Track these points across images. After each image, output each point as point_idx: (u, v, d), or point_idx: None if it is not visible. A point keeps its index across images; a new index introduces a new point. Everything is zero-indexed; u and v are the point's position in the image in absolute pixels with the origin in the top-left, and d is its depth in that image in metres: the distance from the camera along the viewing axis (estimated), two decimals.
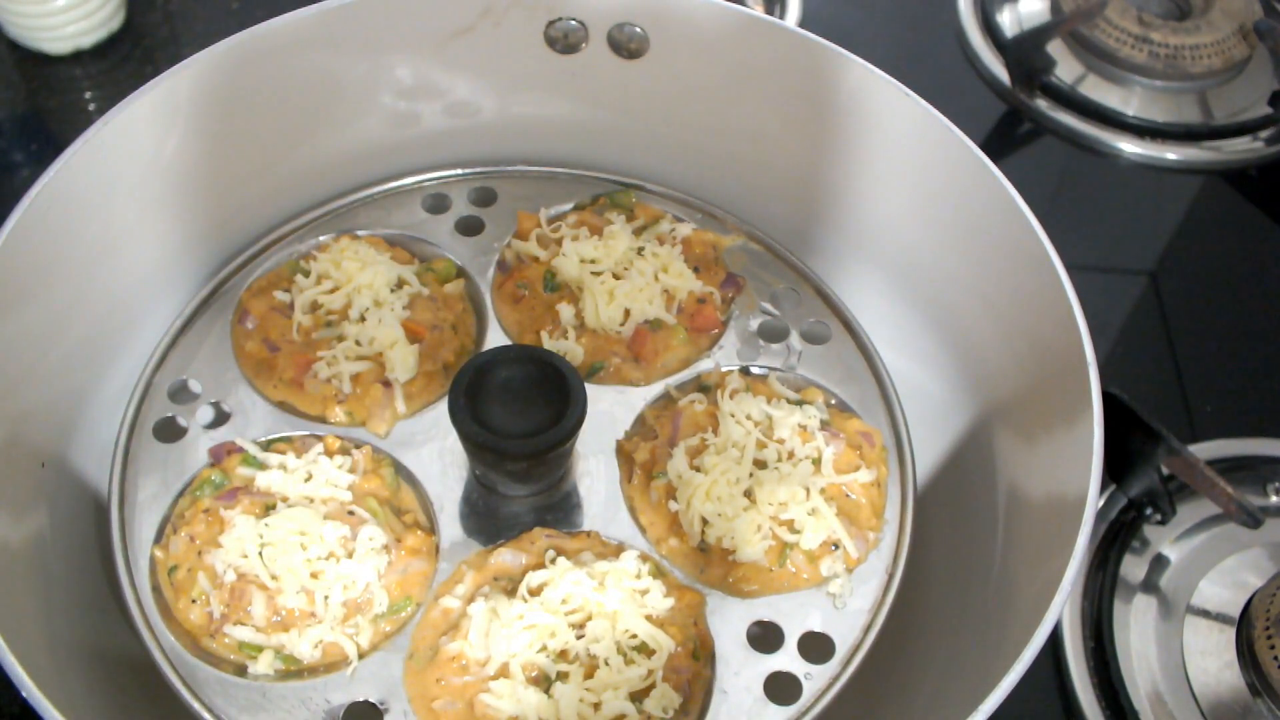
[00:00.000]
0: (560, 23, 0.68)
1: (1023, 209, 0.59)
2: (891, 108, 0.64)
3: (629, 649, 0.55)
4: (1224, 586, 0.74)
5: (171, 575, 0.57)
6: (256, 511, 0.57)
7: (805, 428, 0.62)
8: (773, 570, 0.58)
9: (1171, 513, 0.76)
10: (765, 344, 0.67)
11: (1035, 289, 0.59)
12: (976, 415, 0.67)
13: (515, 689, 0.53)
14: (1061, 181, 1.02)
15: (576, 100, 0.72)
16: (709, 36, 0.66)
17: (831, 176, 0.70)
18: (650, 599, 0.56)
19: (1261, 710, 0.69)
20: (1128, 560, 0.76)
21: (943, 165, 0.63)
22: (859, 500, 0.61)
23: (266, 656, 0.55)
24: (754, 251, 0.71)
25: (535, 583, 0.56)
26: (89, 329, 0.62)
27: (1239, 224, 1.01)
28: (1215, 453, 0.81)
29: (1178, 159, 1.03)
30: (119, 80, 1.00)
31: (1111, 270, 0.96)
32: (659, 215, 0.71)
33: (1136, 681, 0.71)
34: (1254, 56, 1.09)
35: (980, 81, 1.08)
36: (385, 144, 0.72)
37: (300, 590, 0.55)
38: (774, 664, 0.56)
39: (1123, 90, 1.07)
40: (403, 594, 0.57)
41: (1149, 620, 0.74)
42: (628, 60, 0.69)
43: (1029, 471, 0.61)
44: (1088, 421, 0.53)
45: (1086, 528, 0.50)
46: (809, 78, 0.66)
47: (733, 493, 0.59)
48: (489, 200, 0.73)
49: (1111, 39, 1.07)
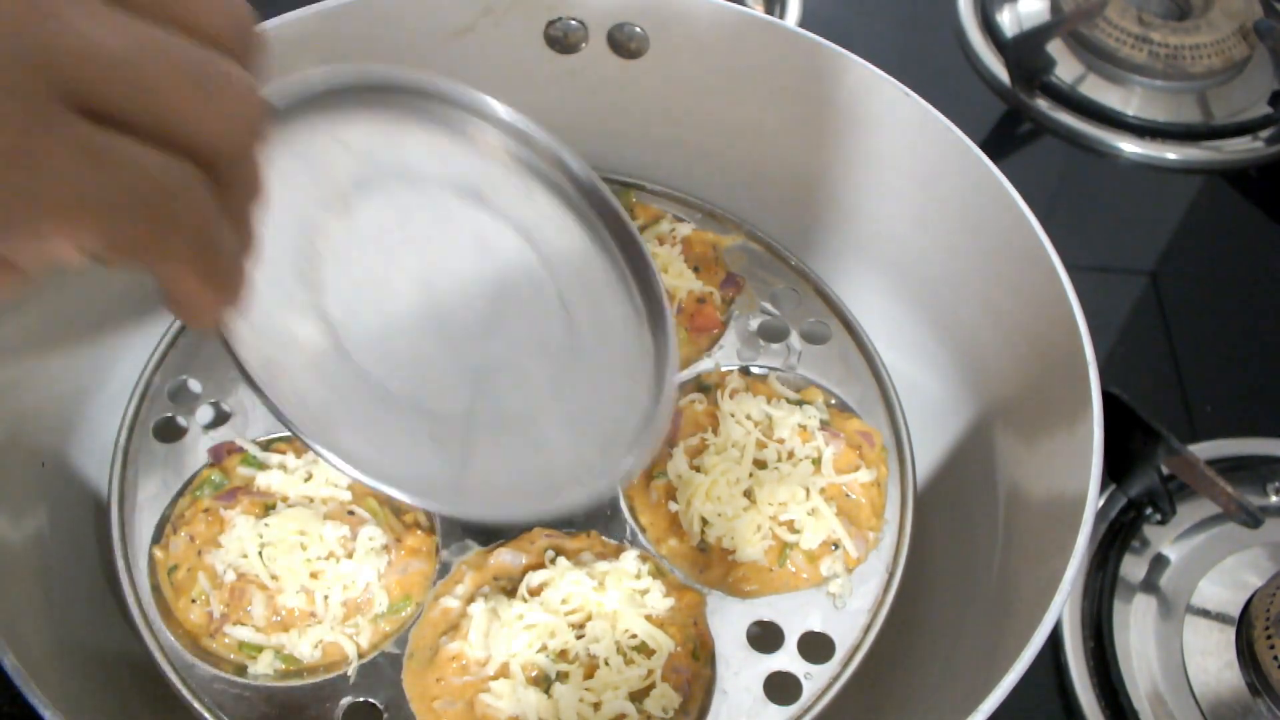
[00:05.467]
0: (560, 23, 0.68)
1: (1023, 209, 0.59)
2: (891, 108, 0.64)
3: (629, 649, 0.55)
4: (1224, 586, 0.74)
5: (171, 575, 0.57)
6: (256, 511, 0.57)
7: (805, 428, 0.62)
8: (773, 570, 0.58)
9: (1171, 513, 0.76)
10: (765, 344, 0.67)
11: (1035, 289, 0.59)
12: (976, 415, 0.67)
13: (515, 689, 0.53)
14: (1061, 181, 1.02)
15: (576, 100, 0.72)
16: (709, 36, 0.66)
17: (831, 176, 0.70)
18: (650, 599, 0.56)
19: (1261, 710, 0.69)
20: (1128, 560, 0.76)
21: (943, 165, 0.63)
22: (859, 500, 0.61)
23: (266, 656, 0.55)
24: (754, 251, 0.71)
25: (535, 583, 0.56)
26: (89, 329, 0.62)
27: (1239, 224, 1.01)
28: (1215, 453, 0.81)
29: (1178, 159, 1.03)
30: None
31: (1111, 270, 0.96)
32: (659, 215, 0.72)
33: (1136, 681, 0.71)
34: (1254, 56, 1.09)
35: (980, 81, 1.08)
36: None
37: (300, 590, 0.55)
38: (774, 664, 0.56)
39: (1123, 90, 1.07)
40: (402, 594, 0.57)
41: (1149, 620, 0.74)
42: (628, 60, 0.69)
43: (1029, 471, 0.61)
44: (1088, 421, 0.53)
45: (1086, 528, 0.50)
46: (809, 78, 0.66)
47: (732, 493, 0.59)
48: None
49: (1111, 39, 1.07)
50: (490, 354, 0.48)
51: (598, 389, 0.50)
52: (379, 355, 0.46)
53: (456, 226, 0.49)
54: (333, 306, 0.45)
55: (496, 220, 0.50)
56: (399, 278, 0.47)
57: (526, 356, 0.49)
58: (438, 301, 0.48)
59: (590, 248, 0.52)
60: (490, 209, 0.50)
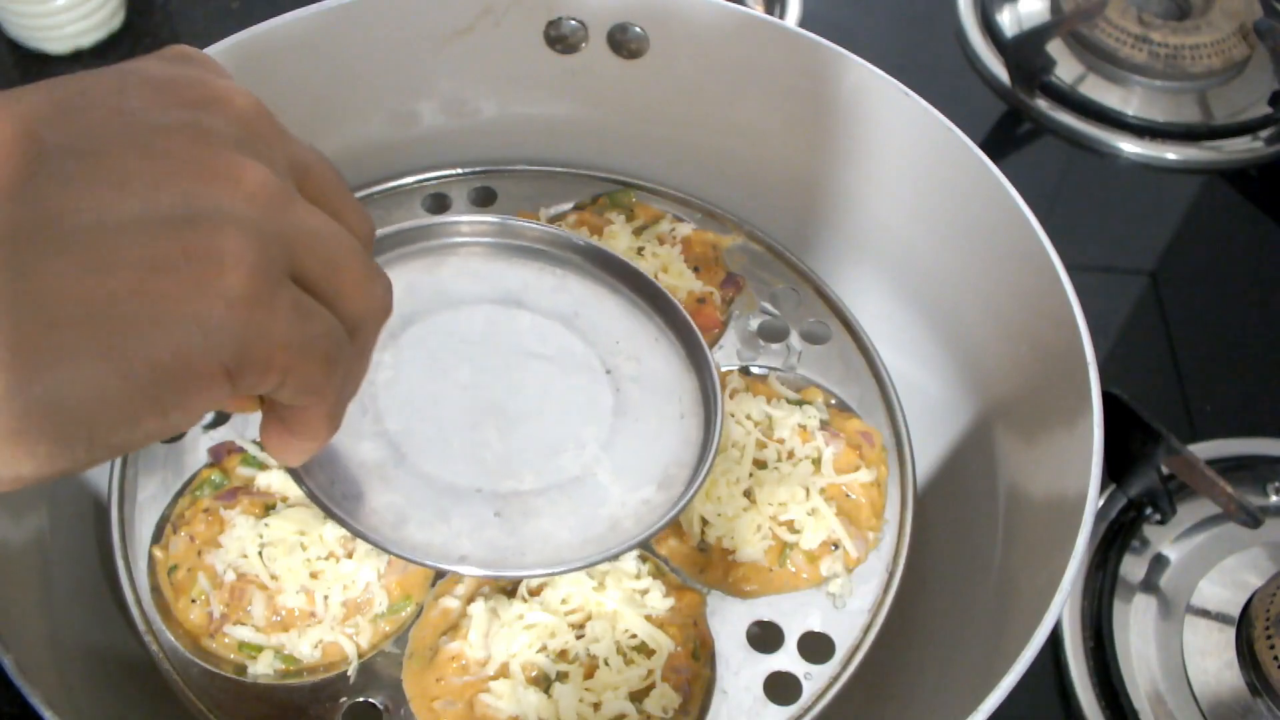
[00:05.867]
0: (560, 23, 0.68)
1: (1023, 209, 0.59)
2: (891, 108, 0.64)
3: (629, 649, 0.55)
4: (1224, 586, 0.74)
5: (171, 575, 0.57)
6: (256, 511, 0.57)
7: (805, 428, 0.62)
8: (773, 570, 0.58)
9: (1171, 513, 0.76)
10: (765, 344, 0.67)
11: (1035, 289, 0.59)
12: (976, 415, 0.67)
13: (515, 689, 0.53)
14: (1061, 181, 1.02)
15: (576, 100, 0.72)
16: (709, 36, 0.66)
17: (831, 176, 0.70)
18: (650, 599, 0.56)
19: (1261, 710, 0.69)
20: (1128, 560, 0.76)
21: (943, 165, 0.63)
22: (859, 500, 0.61)
23: (266, 656, 0.55)
24: (754, 251, 0.71)
25: (535, 583, 0.56)
26: None
27: (1239, 224, 1.01)
28: (1215, 453, 0.81)
29: (1178, 159, 1.03)
30: None
31: (1111, 270, 0.96)
32: (659, 215, 0.72)
33: (1136, 681, 0.71)
34: (1254, 56, 1.09)
35: (980, 81, 1.08)
36: (385, 144, 0.72)
37: (300, 590, 0.55)
38: (774, 664, 0.56)
39: (1123, 90, 1.07)
40: (402, 594, 0.57)
41: (1149, 620, 0.74)
42: (628, 60, 0.69)
43: (1029, 471, 0.61)
44: (1088, 421, 0.53)
45: (1086, 528, 0.50)
46: (809, 78, 0.66)
47: (732, 493, 0.59)
48: (489, 200, 0.73)
49: (1111, 39, 1.07)
50: (544, 432, 0.52)
51: (647, 433, 0.54)
52: (439, 457, 0.50)
53: (499, 332, 0.55)
54: (391, 424, 0.50)
55: (536, 316, 0.56)
56: (449, 387, 0.52)
57: (579, 425, 0.53)
58: (488, 399, 0.52)
59: (624, 310, 0.57)
60: (529, 308, 0.56)
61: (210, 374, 0.31)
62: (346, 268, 0.35)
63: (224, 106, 0.34)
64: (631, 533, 0.50)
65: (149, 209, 0.30)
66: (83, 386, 0.29)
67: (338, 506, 0.48)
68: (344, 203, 0.38)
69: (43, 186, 0.30)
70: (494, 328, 0.55)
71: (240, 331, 0.31)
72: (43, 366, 0.29)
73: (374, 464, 0.49)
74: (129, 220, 0.30)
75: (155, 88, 0.33)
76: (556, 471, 0.51)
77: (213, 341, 0.31)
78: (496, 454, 0.51)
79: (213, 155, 0.32)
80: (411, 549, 0.48)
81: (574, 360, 0.55)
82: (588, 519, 0.51)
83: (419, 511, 0.49)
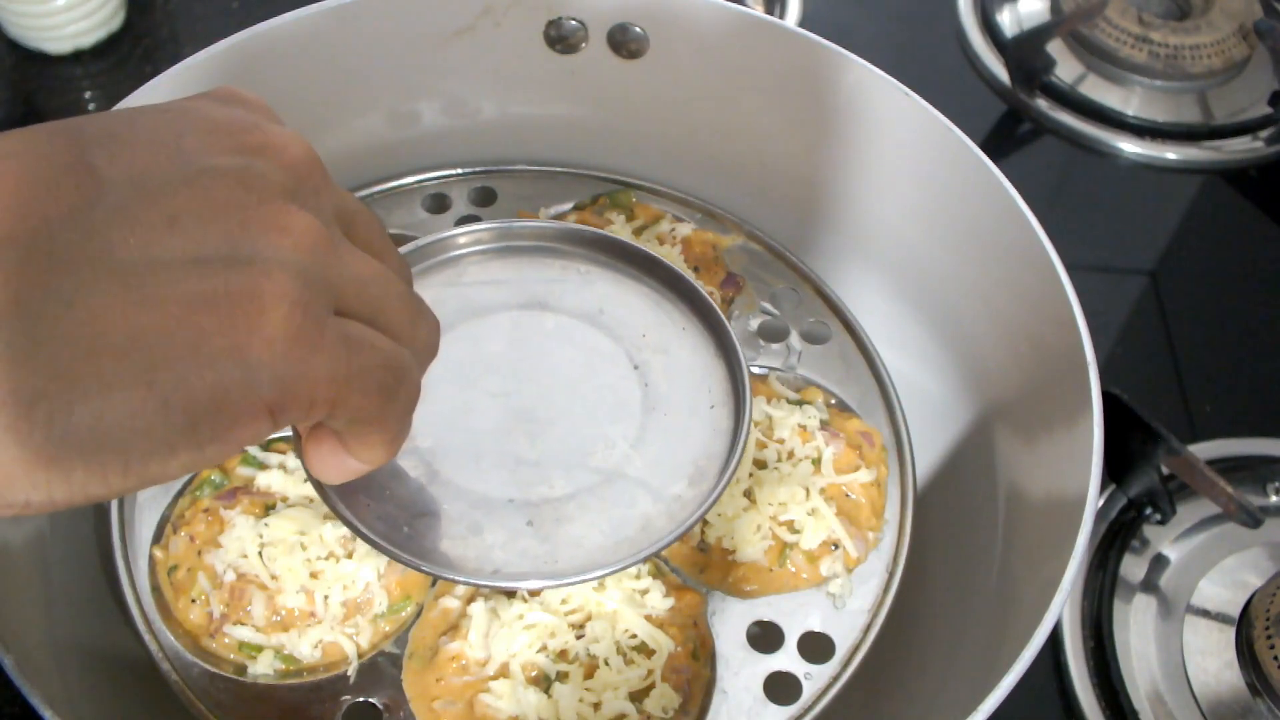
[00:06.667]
0: (560, 23, 0.68)
1: (1023, 209, 0.59)
2: (891, 108, 0.64)
3: (629, 649, 0.55)
4: (1224, 586, 0.74)
5: (171, 575, 0.57)
6: (256, 511, 0.57)
7: (805, 428, 0.62)
8: (773, 570, 0.58)
9: (1171, 513, 0.76)
10: (765, 344, 0.67)
11: (1035, 289, 0.59)
12: (976, 415, 0.67)
13: (515, 689, 0.53)
14: (1061, 181, 1.02)
15: (576, 100, 0.72)
16: (709, 36, 0.66)
17: (831, 176, 0.70)
18: (650, 599, 0.56)
19: (1261, 710, 0.69)
20: (1128, 560, 0.76)
21: (943, 165, 0.63)
22: (859, 500, 0.61)
23: (266, 656, 0.55)
24: (754, 251, 0.71)
25: None
26: None
27: (1239, 224, 1.01)
28: (1215, 453, 0.81)
29: (1178, 159, 1.03)
30: (119, 80, 1.00)
31: (1111, 270, 0.96)
32: (659, 215, 0.71)
33: (1136, 681, 0.71)
34: (1254, 56, 1.09)
35: (980, 81, 1.08)
36: (384, 144, 0.72)
37: (300, 590, 0.55)
38: (774, 664, 0.56)
39: (1123, 90, 1.07)
40: (402, 594, 0.57)
41: (1149, 620, 0.74)
42: (628, 60, 0.69)
43: (1029, 471, 0.61)
44: (1088, 421, 0.53)
45: (1086, 528, 0.50)
46: (809, 78, 0.66)
47: (732, 493, 0.59)
48: (489, 200, 0.73)
49: (1111, 39, 1.07)
50: (574, 434, 0.52)
51: (677, 428, 0.53)
52: (471, 470, 0.50)
53: (525, 337, 0.54)
54: (423, 441, 0.50)
55: (561, 317, 0.55)
56: (479, 397, 0.52)
57: (609, 424, 0.53)
58: (518, 406, 0.52)
59: (649, 302, 0.57)
60: (554, 309, 0.56)
61: (250, 409, 0.31)
62: (393, 310, 0.37)
63: (277, 154, 0.34)
64: (663, 531, 0.50)
65: (197, 248, 0.31)
66: (120, 415, 0.30)
67: (371, 530, 0.48)
68: (386, 250, 0.39)
69: (96, 217, 0.30)
70: (520, 333, 0.55)
71: (280, 368, 0.32)
72: (82, 394, 0.29)
73: (410, 485, 0.50)
74: (176, 258, 0.31)
75: (210, 129, 0.34)
76: (587, 474, 0.51)
77: (253, 378, 0.31)
78: (527, 461, 0.51)
79: (262, 202, 0.33)
80: (447, 565, 0.48)
81: (601, 358, 0.55)
82: (619, 520, 0.51)
83: (453, 527, 0.49)
